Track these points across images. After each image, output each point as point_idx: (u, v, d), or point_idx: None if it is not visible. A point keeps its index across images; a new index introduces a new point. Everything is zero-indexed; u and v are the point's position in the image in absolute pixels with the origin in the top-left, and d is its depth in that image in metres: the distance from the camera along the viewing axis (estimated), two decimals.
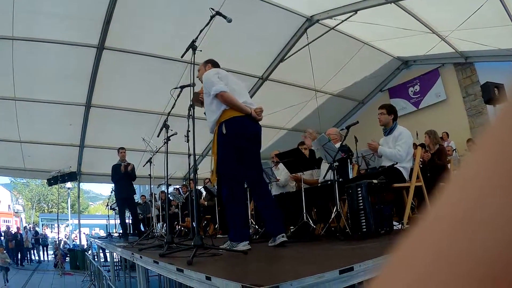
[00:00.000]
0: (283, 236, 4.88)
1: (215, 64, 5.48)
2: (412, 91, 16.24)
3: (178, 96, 5.80)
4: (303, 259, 4.03)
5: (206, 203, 11.46)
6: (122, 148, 11.71)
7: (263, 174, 7.14)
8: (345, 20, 11.59)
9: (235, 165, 4.98)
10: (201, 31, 4.86)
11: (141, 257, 5.28)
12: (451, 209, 0.30)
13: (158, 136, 7.02)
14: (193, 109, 4.75)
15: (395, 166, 6.05)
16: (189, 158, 5.84)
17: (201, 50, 4.83)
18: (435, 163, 8.14)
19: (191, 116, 4.76)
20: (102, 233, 22.63)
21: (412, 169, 6.23)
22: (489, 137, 0.30)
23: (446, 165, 8.29)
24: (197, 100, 5.65)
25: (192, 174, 4.79)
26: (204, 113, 5.27)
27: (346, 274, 2.62)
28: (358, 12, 11.15)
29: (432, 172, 8.04)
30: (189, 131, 5.12)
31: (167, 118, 6.65)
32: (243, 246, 4.71)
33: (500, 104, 0.31)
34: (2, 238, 23.37)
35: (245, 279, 2.45)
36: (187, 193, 12.54)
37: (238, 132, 4.93)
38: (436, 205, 0.31)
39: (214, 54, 11.75)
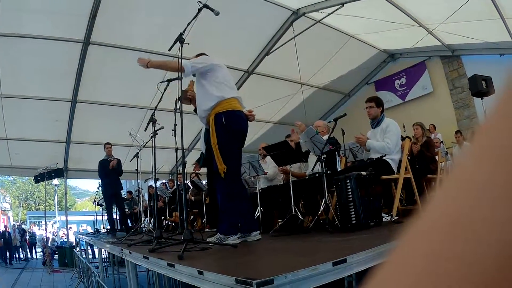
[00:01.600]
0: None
1: None
2: (398, 83, 16.28)
3: (164, 90, 5.76)
4: (295, 252, 4.02)
5: (193, 198, 11.43)
6: (108, 144, 11.63)
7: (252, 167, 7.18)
8: (332, 13, 11.58)
9: (240, 159, 5.11)
10: (188, 24, 4.83)
11: (130, 252, 5.25)
12: (450, 208, 0.29)
13: (145, 130, 6.96)
14: (181, 102, 4.72)
15: (383, 158, 6.06)
16: (176, 152, 5.80)
17: (188, 43, 4.79)
18: (424, 155, 8.16)
19: (178, 110, 4.73)
20: (90, 230, 22.54)
21: (400, 161, 6.24)
22: (487, 132, 0.30)
23: (435, 157, 8.32)
24: (185, 97, 5.64)
25: (181, 168, 4.76)
26: (195, 110, 5.26)
27: (340, 266, 2.62)
28: (344, 5, 11.14)
29: (420, 164, 8.06)
30: (176, 125, 5.09)
31: (154, 112, 6.60)
32: (233, 240, 4.70)
33: (496, 98, 0.30)
34: None
35: (238, 272, 2.44)
36: (174, 187, 12.53)
37: (236, 126, 4.95)
38: (433, 204, 0.31)
39: (199, 48, 11.68)
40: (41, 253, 24.59)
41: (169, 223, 12.13)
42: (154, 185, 8.71)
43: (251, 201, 5.84)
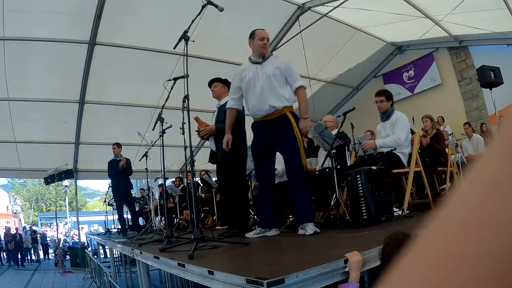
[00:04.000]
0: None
1: None
2: (406, 76, 16.22)
3: (171, 88, 5.74)
4: (306, 248, 3.99)
5: (203, 195, 11.42)
6: (116, 143, 11.63)
7: None
8: (338, 6, 11.52)
9: None
10: (192, 21, 4.80)
11: (141, 252, 5.24)
12: (477, 209, 0.28)
13: (153, 129, 6.96)
14: (188, 100, 4.69)
15: (393, 151, 6.01)
16: (185, 150, 5.77)
17: (193, 41, 4.77)
18: (434, 148, 8.10)
19: (185, 108, 4.70)
20: (102, 229, 22.68)
21: (410, 155, 6.20)
22: (509, 132, 0.29)
23: (445, 150, 8.26)
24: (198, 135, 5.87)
25: (190, 166, 4.73)
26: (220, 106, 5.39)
27: None
28: None
29: (430, 157, 8.01)
30: (184, 123, 5.06)
31: (161, 111, 6.59)
32: (275, 231, 5.17)
33: None
34: (2, 239, 23.39)
35: (249, 272, 2.41)
36: (181, 186, 12.52)
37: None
38: (458, 204, 0.30)
39: (206, 44, 11.75)
40: (53, 254, 24.72)
41: (180, 221, 12.12)
42: (164, 184, 8.71)
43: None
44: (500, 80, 9.39)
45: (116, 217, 14.10)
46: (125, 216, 12.33)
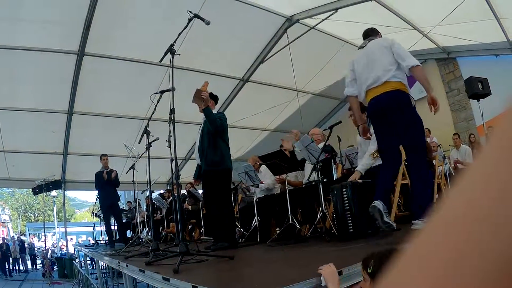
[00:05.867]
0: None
1: None
2: None
3: (158, 102, 5.73)
4: (291, 263, 4.00)
5: (190, 207, 11.40)
6: (104, 155, 11.64)
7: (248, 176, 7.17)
8: (326, 19, 11.57)
9: None
10: (179, 35, 4.82)
11: (127, 265, 5.23)
12: (472, 208, 0.29)
13: (139, 142, 6.94)
14: (173, 114, 4.70)
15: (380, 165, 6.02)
16: (171, 163, 5.77)
17: (179, 54, 4.78)
18: None
19: (171, 121, 4.71)
20: (91, 240, 22.57)
21: None
22: (506, 130, 0.30)
23: (432, 162, 8.30)
24: (199, 97, 5.66)
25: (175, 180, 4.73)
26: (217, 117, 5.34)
27: None
28: (338, 10, 11.13)
29: None
30: (171, 136, 5.06)
31: (147, 124, 6.58)
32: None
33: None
34: None
35: (233, 287, 2.42)
36: (170, 198, 12.49)
37: None
38: (452, 204, 0.31)
39: (194, 56, 11.75)
40: (41, 265, 24.56)
41: (167, 233, 12.08)
42: (150, 197, 8.70)
43: (249, 209, 5.84)
44: (488, 91, 9.46)
45: (103, 228, 14.06)
46: (112, 227, 12.29)
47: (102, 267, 12.94)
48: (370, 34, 5.52)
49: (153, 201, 11.44)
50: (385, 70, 4.96)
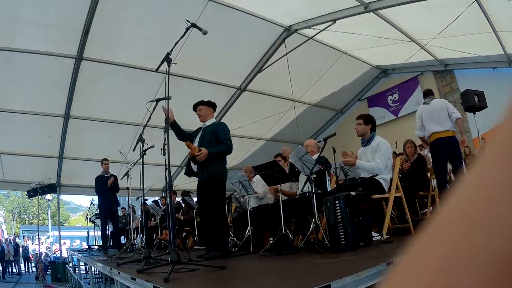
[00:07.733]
0: None
1: None
2: (391, 99, 16.28)
3: (153, 110, 5.73)
4: (282, 275, 3.98)
5: (182, 217, 11.35)
6: (106, 160, 11.56)
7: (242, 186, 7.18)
8: (324, 29, 11.60)
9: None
10: (176, 44, 4.83)
11: (119, 272, 5.22)
12: (466, 210, 0.30)
13: (134, 150, 6.94)
14: (168, 124, 4.71)
15: (375, 177, 6.04)
16: (165, 171, 5.78)
17: (175, 63, 4.79)
18: (415, 172, 8.16)
19: (166, 130, 4.71)
20: (85, 245, 22.51)
21: (391, 180, 6.23)
22: (499, 138, 0.31)
23: (426, 174, 8.31)
24: (193, 160, 5.78)
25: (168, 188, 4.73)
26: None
27: None
28: (336, 21, 11.16)
29: (411, 182, 8.06)
30: (166, 144, 5.07)
31: (142, 131, 6.58)
32: None
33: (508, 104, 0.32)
34: None
35: None
36: (165, 205, 12.48)
37: None
38: (448, 207, 0.32)
39: (192, 65, 11.77)
40: (35, 268, 24.47)
41: (161, 241, 12.06)
42: (143, 204, 8.69)
43: (242, 219, 5.85)
44: (484, 104, 9.45)
45: (97, 233, 14.03)
46: (107, 233, 12.26)
47: (95, 273, 12.91)
48: (430, 93, 8.16)
49: (148, 208, 11.43)
50: (446, 122, 7.58)
